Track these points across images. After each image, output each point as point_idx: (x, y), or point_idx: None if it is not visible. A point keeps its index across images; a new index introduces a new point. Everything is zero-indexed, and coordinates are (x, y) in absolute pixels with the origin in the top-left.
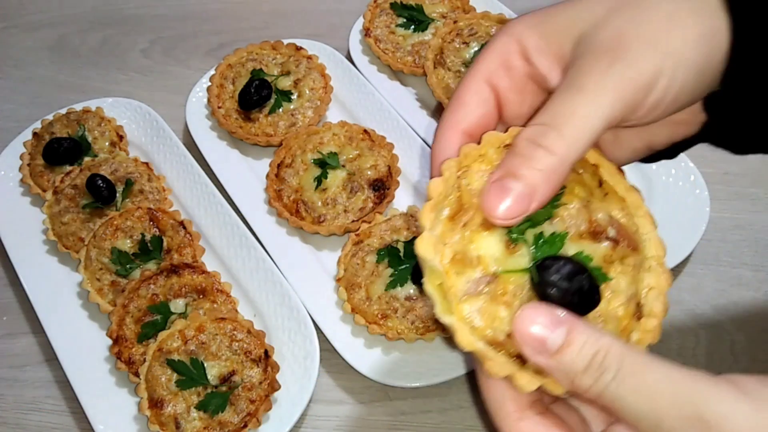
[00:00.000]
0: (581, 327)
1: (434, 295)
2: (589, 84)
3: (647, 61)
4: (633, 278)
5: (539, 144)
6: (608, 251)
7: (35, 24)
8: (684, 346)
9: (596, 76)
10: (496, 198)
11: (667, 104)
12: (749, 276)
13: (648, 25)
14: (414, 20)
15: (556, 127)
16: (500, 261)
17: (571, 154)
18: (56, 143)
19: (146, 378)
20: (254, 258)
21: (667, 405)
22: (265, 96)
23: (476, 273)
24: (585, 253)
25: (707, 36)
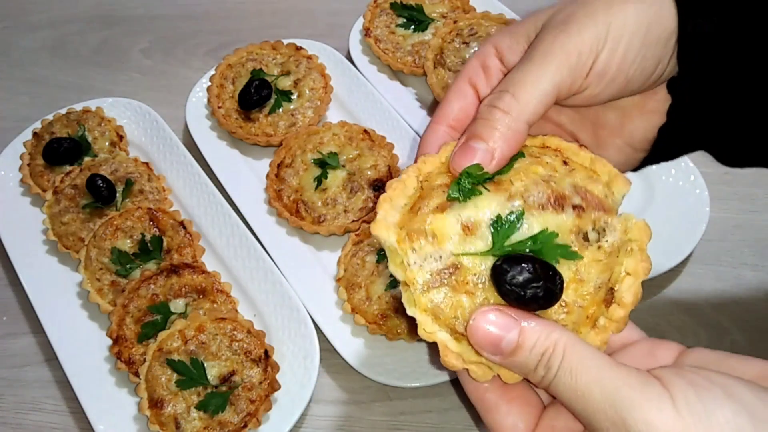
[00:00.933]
0: (532, 326)
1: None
2: (537, 54)
3: (588, 31)
4: (608, 265)
5: (496, 106)
6: (575, 220)
7: (35, 24)
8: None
9: (544, 46)
10: (463, 157)
11: (615, 71)
12: (749, 276)
13: (592, 6)
14: (414, 20)
15: (510, 90)
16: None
17: (524, 113)
18: (56, 143)
19: (146, 378)
20: (254, 258)
21: (596, 407)
22: (265, 96)
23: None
24: (550, 229)
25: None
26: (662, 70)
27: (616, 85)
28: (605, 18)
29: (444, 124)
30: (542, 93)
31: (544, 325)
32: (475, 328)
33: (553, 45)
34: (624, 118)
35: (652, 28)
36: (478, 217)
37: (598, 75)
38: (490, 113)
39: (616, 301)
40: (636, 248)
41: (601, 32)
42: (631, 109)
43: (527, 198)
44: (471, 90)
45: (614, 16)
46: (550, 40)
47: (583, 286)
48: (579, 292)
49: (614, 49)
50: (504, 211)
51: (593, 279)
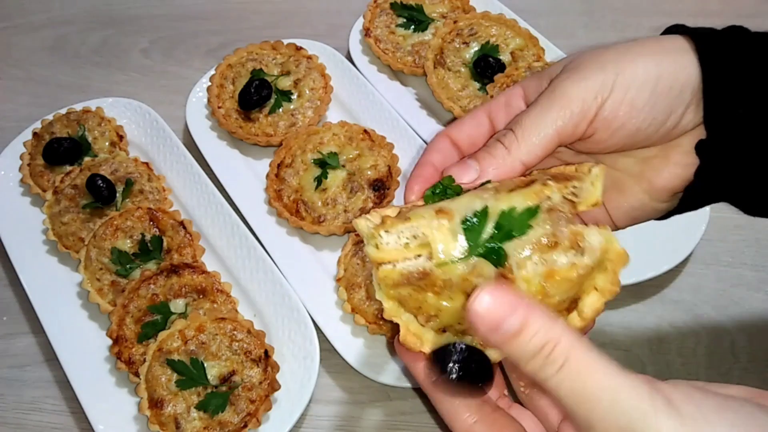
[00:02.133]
0: (537, 314)
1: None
2: (543, 99)
3: (594, 78)
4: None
5: (499, 140)
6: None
7: (35, 24)
8: (684, 346)
9: (548, 92)
10: (458, 169)
11: (623, 119)
12: (749, 276)
13: (604, 55)
14: (414, 20)
15: (513, 129)
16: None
17: (521, 153)
18: (56, 143)
19: (146, 378)
20: (254, 258)
21: (603, 413)
22: (265, 96)
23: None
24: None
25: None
26: (675, 121)
27: (625, 133)
28: (614, 67)
29: (449, 138)
30: (542, 136)
31: (552, 321)
32: (478, 302)
33: (557, 91)
34: (644, 166)
35: (663, 78)
36: (450, 206)
37: (603, 123)
38: (493, 145)
39: (577, 311)
40: (610, 269)
41: (608, 80)
42: (652, 159)
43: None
44: (487, 121)
45: (624, 65)
46: (555, 85)
47: (547, 299)
48: (543, 302)
49: (621, 97)
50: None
51: (560, 294)
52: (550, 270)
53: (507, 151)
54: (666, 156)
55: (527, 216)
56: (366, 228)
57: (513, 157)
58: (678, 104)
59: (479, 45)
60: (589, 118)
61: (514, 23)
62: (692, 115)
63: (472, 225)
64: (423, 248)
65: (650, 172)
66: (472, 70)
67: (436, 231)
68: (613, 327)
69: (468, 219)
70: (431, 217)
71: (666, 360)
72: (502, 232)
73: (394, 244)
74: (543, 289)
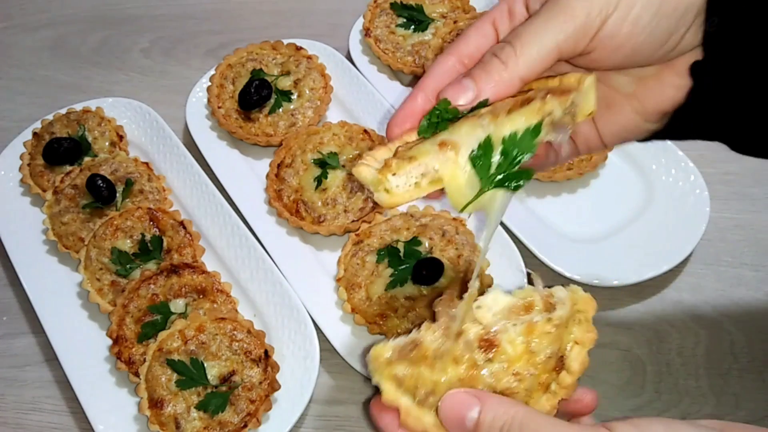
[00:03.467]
0: (491, 403)
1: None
2: (544, 11)
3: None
4: (558, 336)
5: (496, 55)
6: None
7: (35, 24)
8: (684, 346)
9: (552, 4)
10: (452, 90)
11: (623, 38)
12: (749, 276)
13: None
14: (414, 20)
15: (512, 42)
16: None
17: (520, 67)
18: (56, 143)
19: (146, 378)
20: (254, 258)
21: None
22: (265, 96)
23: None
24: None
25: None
26: (674, 43)
27: (623, 53)
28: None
29: (456, 56)
30: (542, 50)
31: (503, 402)
32: (444, 407)
33: (561, 2)
34: (637, 85)
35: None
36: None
37: (604, 39)
38: (490, 60)
39: (566, 368)
40: (583, 319)
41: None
42: (646, 78)
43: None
44: (492, 31)
45: None
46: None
47: (534, 357)
48: (531, 361)
49: (625, 14)
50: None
51: (543, 349)
52: (529, 326)
53: (504, 66)
54: (660, 76)
55: (532, 135)
56: (370, 174)
57: (511, 72)
58: (680, 25)
59: None
60: (590, 33)
61: None
62: (691, 36)
63: (479, 157)
64: (435, 184)
65: (643, 92)
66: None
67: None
68: (613, 327)
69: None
70: (436, 152)
71: (666, 360)
72: (509, 158)
73: (404, 186)
74: (527, 347)
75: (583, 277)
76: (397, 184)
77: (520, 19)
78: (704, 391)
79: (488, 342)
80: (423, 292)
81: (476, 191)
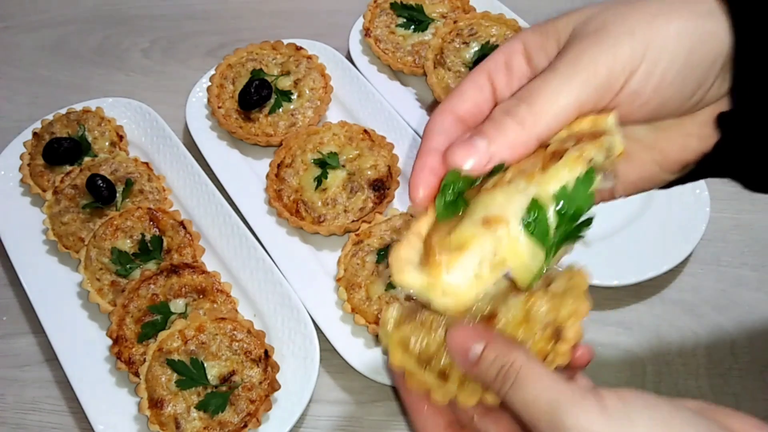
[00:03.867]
0: (495, 342)
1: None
2: (563, 66)
3: (623, 47)
4: (554, 305)
5: (510, 113)
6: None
7: (35, 24)
8: (684, 346)
9: (571, 57)
10: (460, 150)
11: (650, 94)
12: (749, 276)
13: (631, 17)
14: (414, 20)
15: (527, 101)
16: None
17: (537, 128)
18: (56, 143)
19: (146, 378)
20: (254, 258)
21: (541, 413)
22: (265, 96)
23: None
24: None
25: (694, 33)
26: (702, 94)
27: (649, 108)
28: (645, 34)
29: (452, 114)
30: (562, 109)
31: (506, 344)
32: (452, 336)
33: (582, 57)
34: (658, 136)
35: (697, 49)
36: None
37: (630, 95)
38: (502, 119)
39: (562, 338)
40: (578, 291)
41: (638, 50)
42: (667, 130)
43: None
44: (489, 85)
45: (655, 32)
46: (579, 50)
47: (532, 325)
48: (529, 330)
49: (651, 70)
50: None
51: (541, 319)
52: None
53: (520, 126)
54: (682, 127)
55: (585, 185)
56: (418, 280)
57: (528, 133)
58: (707, 77)
59: (479, 45)
60: (614, 90)
61: (514, 23)
62: (717, 87)
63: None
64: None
65: (664, 143)
66: (472, 70)
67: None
68: (613, 327)
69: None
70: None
71: (666, 360)
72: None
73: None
74: (526, 316)
75: None
76: (456, 282)
77: (519, 73)
78: (704, 391)
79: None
80: None
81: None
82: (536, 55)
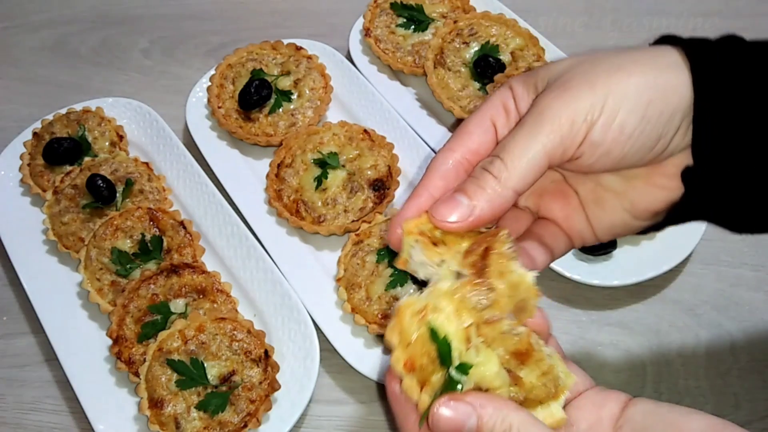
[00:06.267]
0: (489, 413)
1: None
2: (530, 120)
3: (584, 99)
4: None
5: (487, 170)
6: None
7: (35, 24)
8: (684, 346)
9: (537, 112)
10: (444, 206)
11: (610, 144)
12: (749, 276)
13: (593, 71)
14: (414, 20)
15: (501, 156)
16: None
17: (511, 180)
18: (56, 143)
19: (146, 378)
20: (254, 258)
21: None
22: (265, 96)
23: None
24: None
25: (654, 86)
26: (663, 147)
27: (612, 158)
28: (604, 87)
29: (459, 152)
30: (532, 161)
31: (499, 408)
32: (437, 418)
33: (546, 112)
34: (627, 186)
35: (656, 102)
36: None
37: (591, 146)
38: (480, 174)
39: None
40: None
41: (598, 102)
42: (635, 179)
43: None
44: (491, 126)
45: (614, 85)
46: (544, 105)
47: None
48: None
49: (609, 121)
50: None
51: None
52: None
53: (497, 180)
54: (649, 177)
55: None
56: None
57: (504, 185)
58: (667, 130)
59: (479, 45)
60: (578, 141)
61: (514, 23)
62: (680, 139)
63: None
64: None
65: (633, 193)
66: (472, 70)
67: None
68: (613, 327)
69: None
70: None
71: (666, 360)
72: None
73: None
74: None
75: (583, 277)
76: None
77: (513, 115)
78: (704, 391)
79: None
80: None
81: None
82: (519, 101)
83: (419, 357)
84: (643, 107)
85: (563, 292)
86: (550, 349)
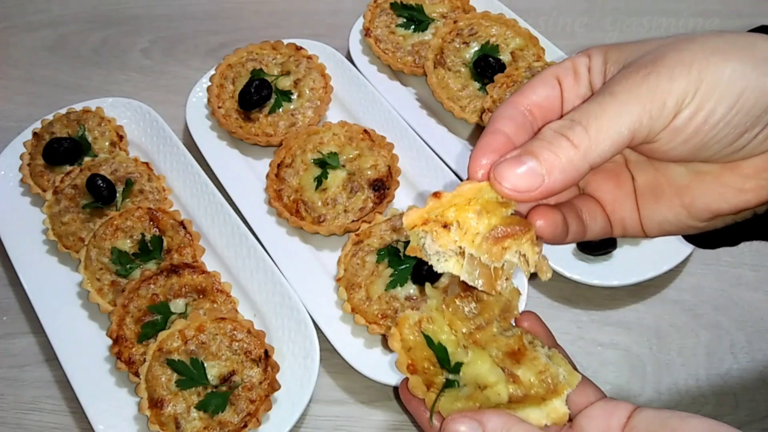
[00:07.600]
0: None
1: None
2: (621, 91)
3: (680, 80)
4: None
5: (564, 135)
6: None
7: (35, 24)
8: (684, 346)
9: (629, 84)
10: (510, 167)
11: (691, 132)
12: (749, 276)
13: (689, 51)
14: (414, 20)
15: (583, 123)
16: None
17: (592, 153)
18: (56, 143)
19: (146, 378)
20: (254, 258)
21: None
22: (265, 96)
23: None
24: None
25: (749, 76)
26: (746, 141)
27: (689, 146)
28: (700, 70)
29: (523, 105)
30: (617, 135)
31: (503, 423)
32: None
33: (641, 85)
34: (693, 180)
35: (748, 93)
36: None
37: (672, 131)
38: (554, 139)
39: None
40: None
41: (691, 85)
42: (705, 174)
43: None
44: (556, 85)
45: (709, 70)
46: (637, 79)
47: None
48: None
49: (698, 108)
50: None
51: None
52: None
53: (576, 150)
54: (721, 176)
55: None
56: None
57: (584, 157)
58: (755, 125)
59: (479, 45)
60: (664, 124)
61: (514, 23)
62: (765, 137)
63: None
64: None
65: (697, 189)
66: (472, 70)
67: None
68: (613, 327)
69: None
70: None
71: (666, 360)
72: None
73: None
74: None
75: (583, 277)
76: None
77: (584, 81)
78: (704, 391)
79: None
80: (423, 292)
81: None
82: (595, 71)
83: (420, 361)
84: (734, 96)
85: (563, 292)
86: (549, 350)
